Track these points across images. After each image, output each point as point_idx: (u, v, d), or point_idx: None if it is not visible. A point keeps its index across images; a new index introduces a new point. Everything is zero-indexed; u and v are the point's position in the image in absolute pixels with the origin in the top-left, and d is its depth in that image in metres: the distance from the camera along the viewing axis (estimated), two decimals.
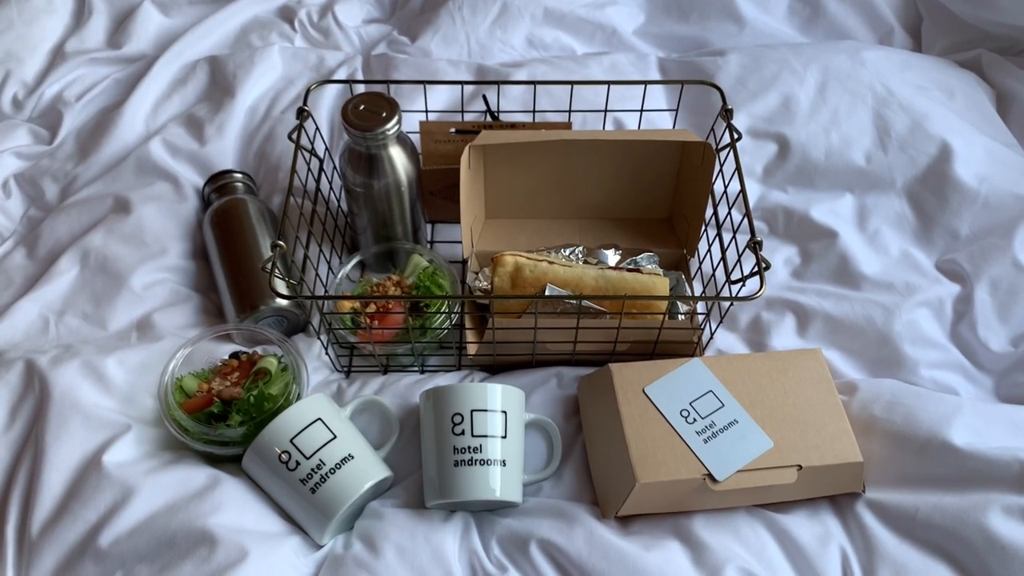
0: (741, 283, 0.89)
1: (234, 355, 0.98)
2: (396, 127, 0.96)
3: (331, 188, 1.08)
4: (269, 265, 0.85)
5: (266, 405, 0.91)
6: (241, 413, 0.90)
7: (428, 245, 1.15)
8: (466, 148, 0.96)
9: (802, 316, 1.04)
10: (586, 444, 0.93)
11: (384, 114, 0.95)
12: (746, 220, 0.92)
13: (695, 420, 0.88)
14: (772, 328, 1.03)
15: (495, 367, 1.00)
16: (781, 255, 1.11)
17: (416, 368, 1.01)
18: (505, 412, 0.88)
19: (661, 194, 1.09)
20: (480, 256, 1.08)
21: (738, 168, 0.95)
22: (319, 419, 0.88)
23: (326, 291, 1.02)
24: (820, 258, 1.09)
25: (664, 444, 0.86)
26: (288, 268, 1.04)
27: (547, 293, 0.97)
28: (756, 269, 0.86)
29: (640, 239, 1.09)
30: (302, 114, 0.98)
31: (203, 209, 1.14)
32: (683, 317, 1.01)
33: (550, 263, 0.99)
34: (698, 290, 1.06)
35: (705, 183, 0.99)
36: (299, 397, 0.94)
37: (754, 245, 0.88)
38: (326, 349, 0.98)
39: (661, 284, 0.98)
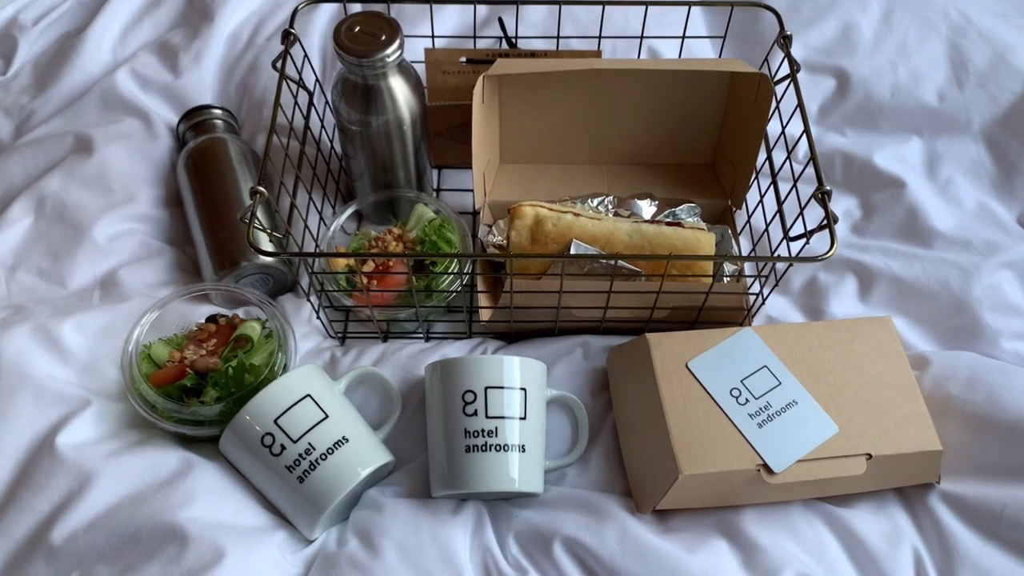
0: (804, 240, 0.77)
1: (211, 319, 0.87)
2: (397, 53, 0.83)
3: (323, 126, 0.95)
4: (248, 215, 0.73)
5: (247, 378, 0.80)
6: (218, 387, 0.80)
7: (434, 194, 1.03)
8: (479, 79, 0.84)
9: (865, 278, 0.92)
10: (617, 425, 0.83)
11: (384, 37, 0.83)
12: (802, 169, 0.80)
13: (747, 400, 0.77)
14: (830, 292, 0.91)
15: (511, 335, 0.89)
16: (839, 207, 0.99)
17: (420, 335, 0.90)
18: (524, 389, 0.78)
19: (704, 136, 0.97)
20: (494, 207, 0.96)
21: (800, 105, 0.83)
22: (308, 395, 0.77)
23: (317, 246, 0.90)
24: (884, 211, 0.97)
25: (712, 428, 0.75)
26: (273, 219, 0.92)
27: (573, 250, 0.85)
28: (824, 223, 0.74)
29: (679, 188, 0.97)
30: (288, 38, 0.85)
31: (177, 150, 1.02)
32: (728, 279, 0.89)
33: (576, 215, 0.87)
34: (745, 248, 0.94)
35: (759, 123, 0.87)
36: (286, 369, 0.83)
37: (822, 195, 0.76)
38: (317, 313, 0.87)
39: (706, 240, 0.86)
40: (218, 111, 1.02)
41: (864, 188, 0.99)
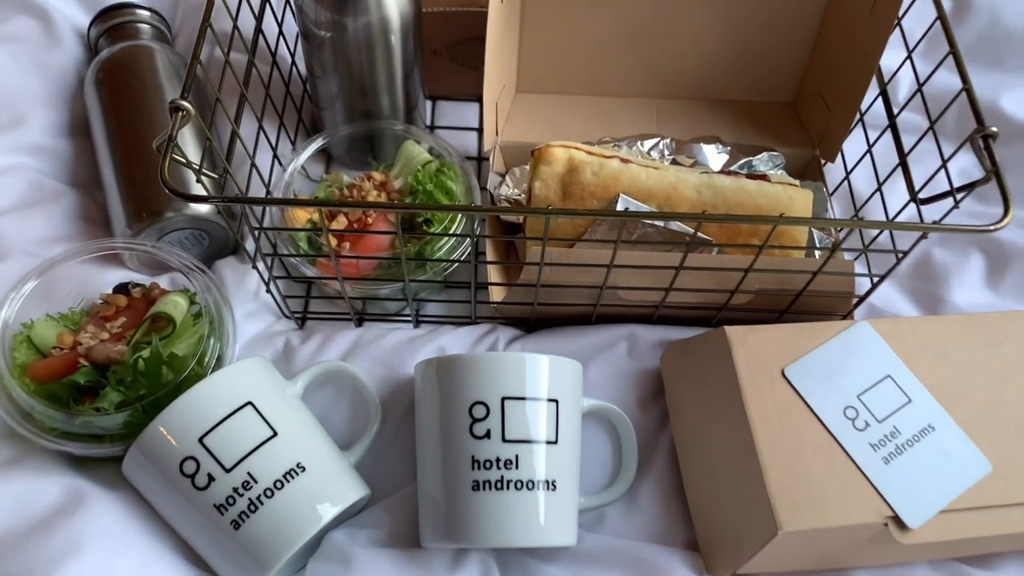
0: (952, 200, 0.56)
1: (121, 288, 0.65)
2: None
3: (281, 32, 0.72)
4: (165, 143, 0.51)
5: (165, 374, 0.58)
6: (123, 387, 0.58)
7: (427, 130, 0.81)
8: None
9: (995, 257, 0.72)
10: (677, 449, 0.62)
11: None
12: (943, 111, 0.59)
13: (867, 424, 0.56)
14: (950, 274, 0.71)
15: (531, 321, 0.68)
16: (953, 165, 0.77)
17: (408, 319, 0.68)
18: (556, 401, 0.56)
19: (786, 64, 0.75)
20: (508, 150, 0.74)
21: (940, 15, 0.61)
22: (250, 403, 0.56)
23: (269, 192, 0.68)
24: (1016, 171, 0.76)
25: (821, 464, 0.54)
26: (208, 154, 0.69)
27: (621, 207, 0.63)
28: (989, 175, 0.53)
29: (749, 132, 0.76)
30: None
31: (87, 62, 0.79)
32: (820, 253, 0.68)
33: (624, 161, 0.65)
34: (840, 212, 0.73)
35: (873, 43, 0.65)
36: (220, 362, 0.61)
37: (984, 140, 0.55)
38: (267, 285, 0.64)
39: (801, 200, 0.64)
40: (144, 12, 0.79)
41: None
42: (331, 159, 0.78)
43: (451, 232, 0.65)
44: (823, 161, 0.74)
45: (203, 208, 0.66)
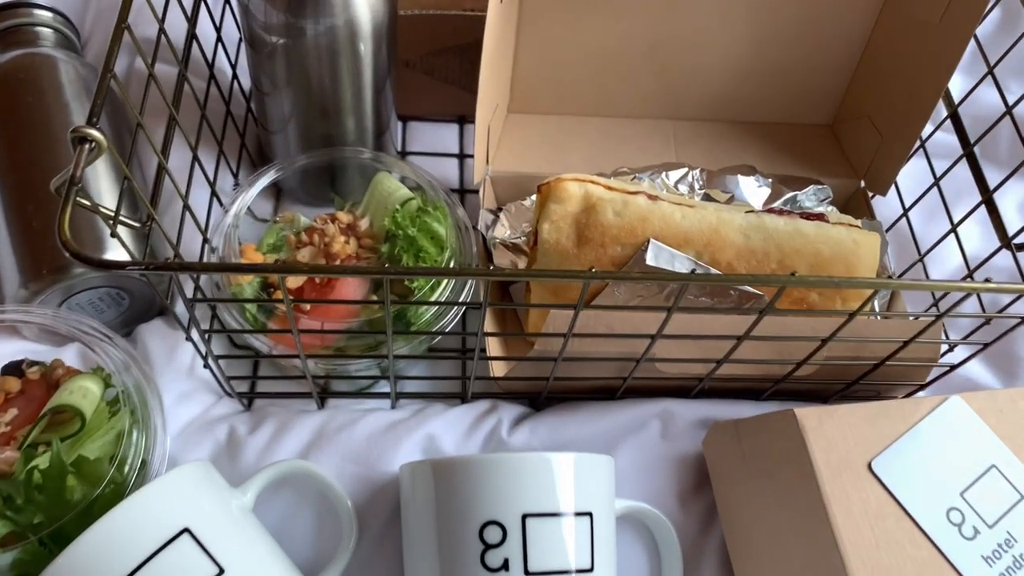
0: None
1: (11, 368, 0.51)
2: None
3: (219, 39, 0.59)
4: (66, 184, 0.37)
5: (70, 490, 0.45)
6: (11, 511, 0.44)
7: (400, 156, 0.69)
8: None
9: None
10: (732, 558, 0.51)
11: None
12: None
13: (976, 532, 0.45)
14: None
15: (541, 394, 0.55)
16: (1012, 198, 0.68)
17: (383, 394, 0.56)
18: (589, 514, 0.44)
19: (825, 80, 0.65)
20: (500, 181, 0.63)
21: None
22: (187, 529, 0.42)
23: (206, 240, 0.54)
24: None
25: None
26: (129, 194, 0.55)
27: (652, 255, 0.52)
28: None
29: (783, 159, 0.65)
30: None
31: None
32: (878, 306, 0.58)
33: (651, 198, 0.54)
34: (895, 256, 0.63)
35: (944, 56, 0.55)
36: (146, 467, 0.47)
37: None
38: (205, 359, 0.51)
39: (868, 245, 0.54)
40: (44, 12, 0.65)
41: None
42: (281, 192, 0.65)
43: (440, 294, 0.53)
44: (871, 191, 0.64)
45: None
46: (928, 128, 0.59)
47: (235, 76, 0.62)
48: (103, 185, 0.56)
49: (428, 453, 0.52)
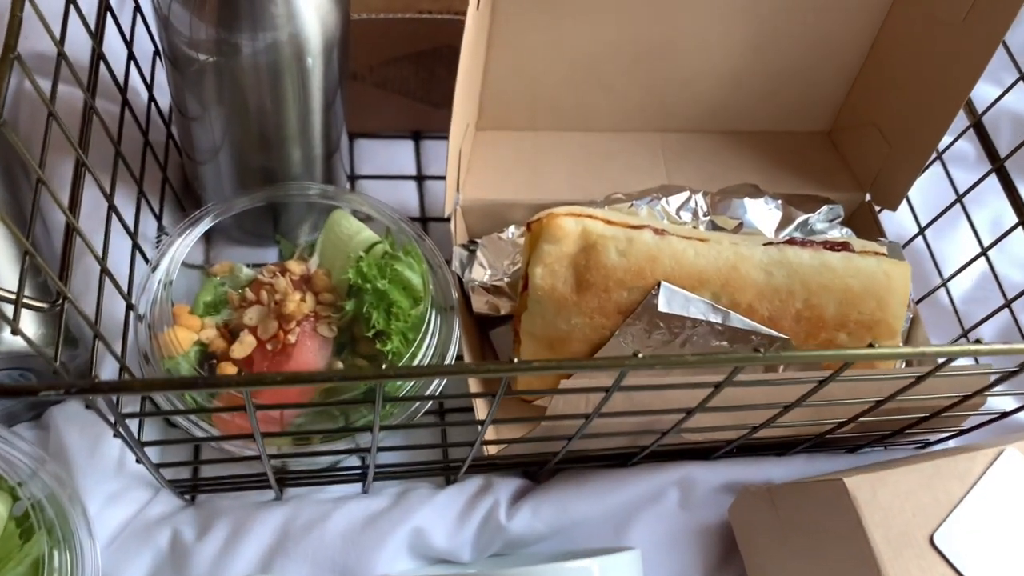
0: None
1: None
2: None
3: (131, 57, 0.49)
4: None
5: None
6: None
7: (351, 187, 0.60)
8: None
9: None
10: None
11: None
12: None
13: None
14: None
15: (540, 463, 0.48)
16: None
17: (351, 473, 0.47)
18: None
19: (824, 85, 0.59)
20: (471, 210, 0.55)
21: None
22: None
23: (131, 309, 0.45)
24: None
25: None
26: (32, 252, 0.45)
27: (664, 300, 0.45)
28: None
29: (780, 171, 0.60)
30: None
31: None
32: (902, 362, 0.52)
33: (657, 232, 0.47)
34: (919, 284, 0.57)
35: (969, 60, 0.50)
36: None
37: None
38: (136, 451, 0.41)
39: (899, 277, 0.48)
40: None
41: None
42: (212, 230, 0.55)
43: (422, 358, 0.45)
44: (878, 206, 0.59)
45: (22, 341, 0.42)
46: (946, 138, 0.54)
47: (152, 99, 0.52)
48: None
49: (417, 552, 0.44)
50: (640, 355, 0.31)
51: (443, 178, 0.61)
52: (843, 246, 0.49)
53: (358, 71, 0.57)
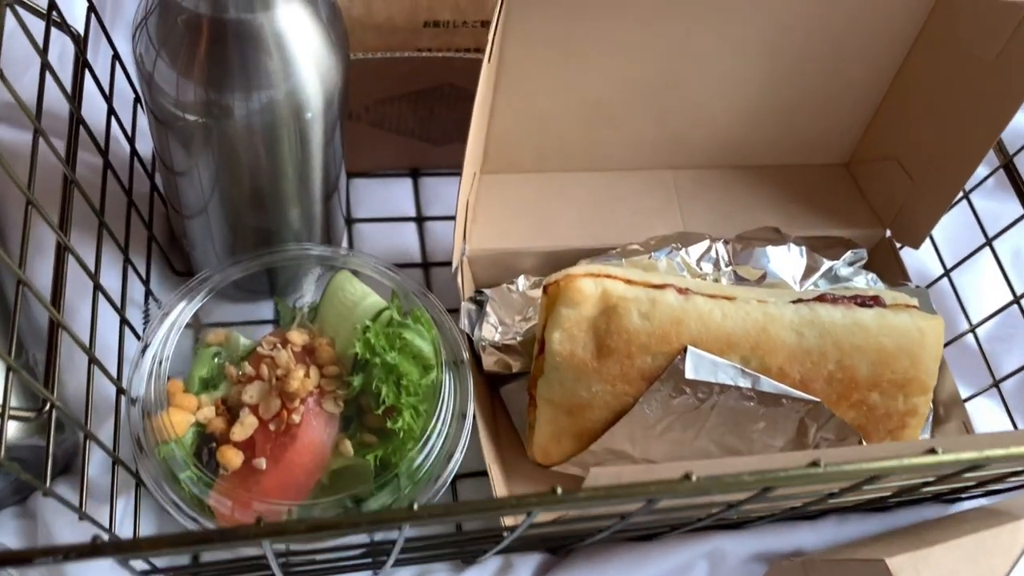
0: None
1: None
2: None
3: (111, 113, 0.46)
4: None
5: None
6: None
7: (347, 240, 0.57)
8: (496, 15, 0.39)
9: None
10: None
11: None
12: None
13: None
14: None
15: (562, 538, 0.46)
16: None
17: (367, 560, 0.45)
18: None
19: (844, 117, 0.57)
20: (478, 260, 0.52)
21: None
22: None
23: (122, 393, 0.42)
24: None
25: None
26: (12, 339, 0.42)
27: (691, 367, 0.43)
28: None
29: (798, 208, 0.57)
30: None
31: None
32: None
33: (681, 292, 0.44)
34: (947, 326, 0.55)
35: (1001, 99, 0.47)
36: None
37: None
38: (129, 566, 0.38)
39: (932, 333, 0.46)
40: None
41: None
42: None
43: (433, 435, 0.42)
44: (899, 242, 0.56)
45: (7, 432, 0.39)
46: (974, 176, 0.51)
47: (134, 152, 0.48)
48: None
49: None
50: (694, 477, 0.28)
51: (445, 218, 0.59)
52: (874, 300, 0.46)
53: (353, 110, 0.54)
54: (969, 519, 0.45)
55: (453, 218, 0.48)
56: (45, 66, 0.37)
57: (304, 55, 0.40)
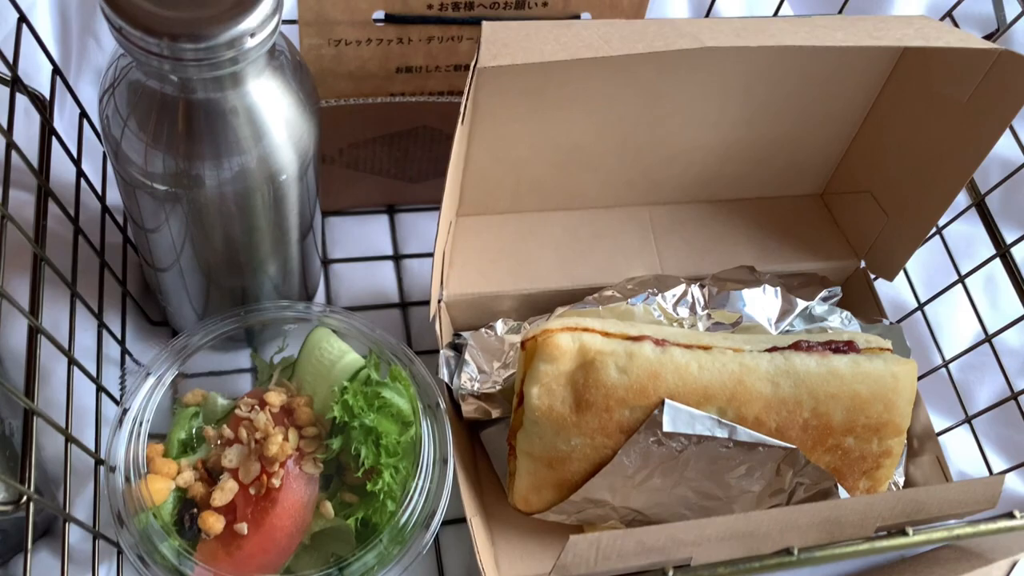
0: None
1: None
2: (271, 26, 0.36)
3: (80, 175, 0.45)
4: None
5: None
6: None
7: (323, 281, 0.57)
8: (472, 69, 0.39)
9: None
10: None
11: None
12: None
13: None
14: None
15: None
16: None
17: None
18: None
19: (818, 151, 0.57)
20: (457, 304, 0.52)
21: None
22: None
23: (100, 464, 0.42)
24: None
25: None
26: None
27: (669, 421, 0.43)
28: None
29: (773, 242, 0.58)
30: None
31: None
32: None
33: (658, 343, 0.45)
34: (917, 356, 0.56)
35: (974, 141, 0.48)
36: None
37: None
38: None
39: (905, 377, 0.47)
40: None
41: None
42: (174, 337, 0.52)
43: (410, 491, 0.43)
44: (873, 274, 0.57)
45: None
46: (947, 214, 0.52)
47: (105, 210, 0.48)
48: None
49: None
50: (670, 572, 0.29)
51: (422, 255, 0.59)
52: (849, 346, 0.47)
53: (327, 154, 0.54)
54: (942, 560, 0.46)
55: (430, 255, 0.48)
56: (11, 145, 0.36)
57: (276, 122, 0.40)
